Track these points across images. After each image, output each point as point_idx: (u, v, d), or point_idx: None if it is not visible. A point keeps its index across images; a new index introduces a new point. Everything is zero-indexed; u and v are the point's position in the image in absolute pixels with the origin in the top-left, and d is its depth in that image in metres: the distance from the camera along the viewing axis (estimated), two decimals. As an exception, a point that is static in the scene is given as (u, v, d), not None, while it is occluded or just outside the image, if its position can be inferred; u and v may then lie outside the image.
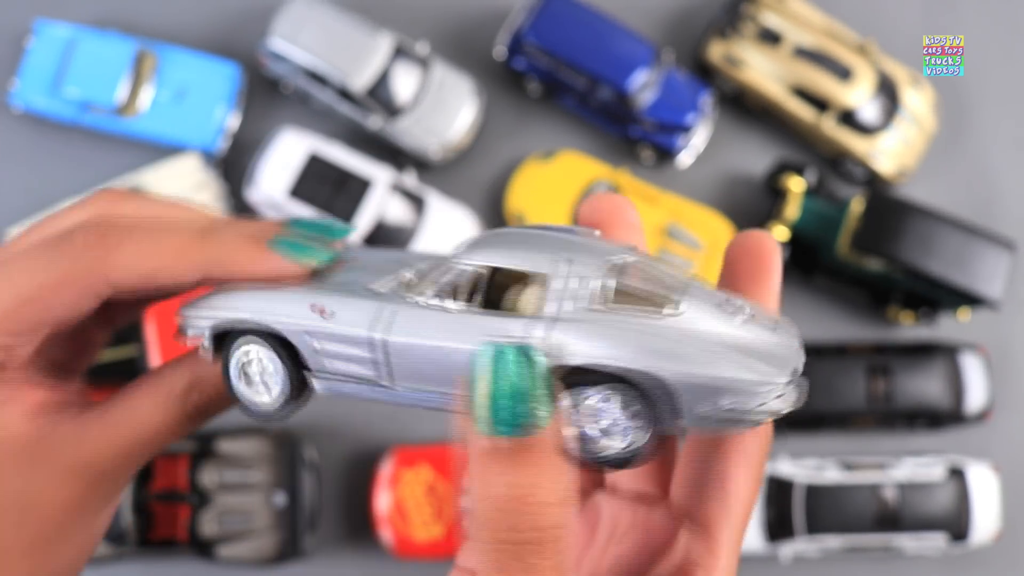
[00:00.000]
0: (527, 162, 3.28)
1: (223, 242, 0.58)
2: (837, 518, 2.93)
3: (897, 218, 2.92)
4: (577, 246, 0.54)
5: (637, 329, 0.50)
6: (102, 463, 0.59)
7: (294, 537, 2.90)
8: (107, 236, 0.57)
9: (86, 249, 0.56)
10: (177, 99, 3.21)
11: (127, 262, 0.56)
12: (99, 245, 0.56)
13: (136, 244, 0.57)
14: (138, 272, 0.56)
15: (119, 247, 0.56)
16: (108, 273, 0.56)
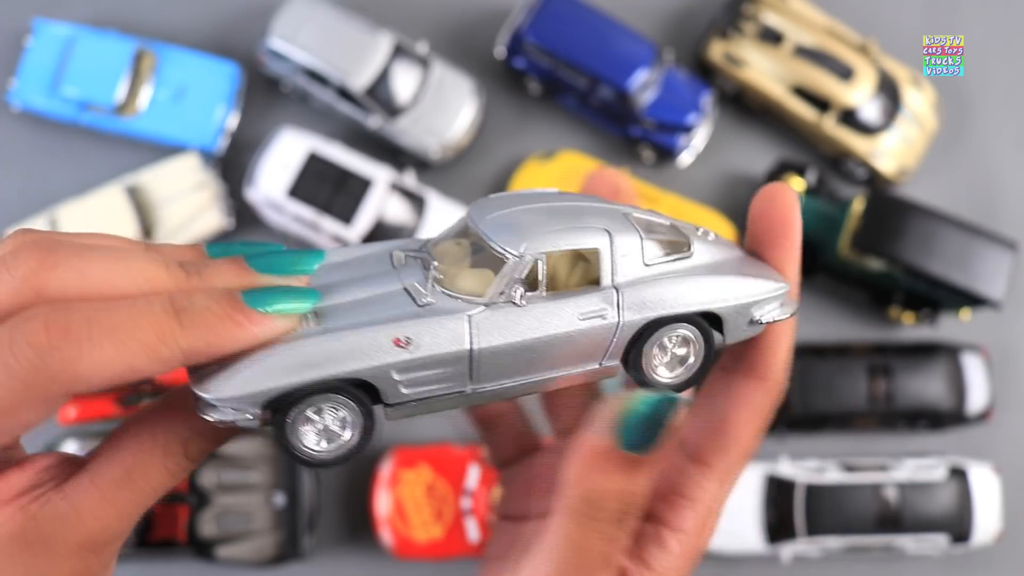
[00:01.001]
0: (527, 162, 3.27)
1: (200, 321, 0.49)
2: (838, 519, 2.92)
3: (898, 218, 2.92)
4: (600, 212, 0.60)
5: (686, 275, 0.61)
6: (102, 531, 0.54)
7: (293, 538, 2.89)
8: (67, 336, 0.46)
9: (40, 359, 0.46)
10: (176, 98, 3.20)
11: (94, 369, 0.47)
12: (57, 350, 0.46)
13: (103, 343, 0.47)
14: (105, 377, 0.48)
15: (84, 350, 0.46)
16: (71, 383, 0.47)
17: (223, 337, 0.50)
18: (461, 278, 0.57)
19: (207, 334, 0.50)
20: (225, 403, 0.52)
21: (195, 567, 2.94)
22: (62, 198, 3.17)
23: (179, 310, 0.49)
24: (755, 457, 3.07)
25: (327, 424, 0.55)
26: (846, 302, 3.26)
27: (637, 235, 0.59)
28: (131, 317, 0.48)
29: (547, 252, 0.57)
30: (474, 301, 0.56)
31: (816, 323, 3.25)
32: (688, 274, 0.61)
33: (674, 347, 0.61)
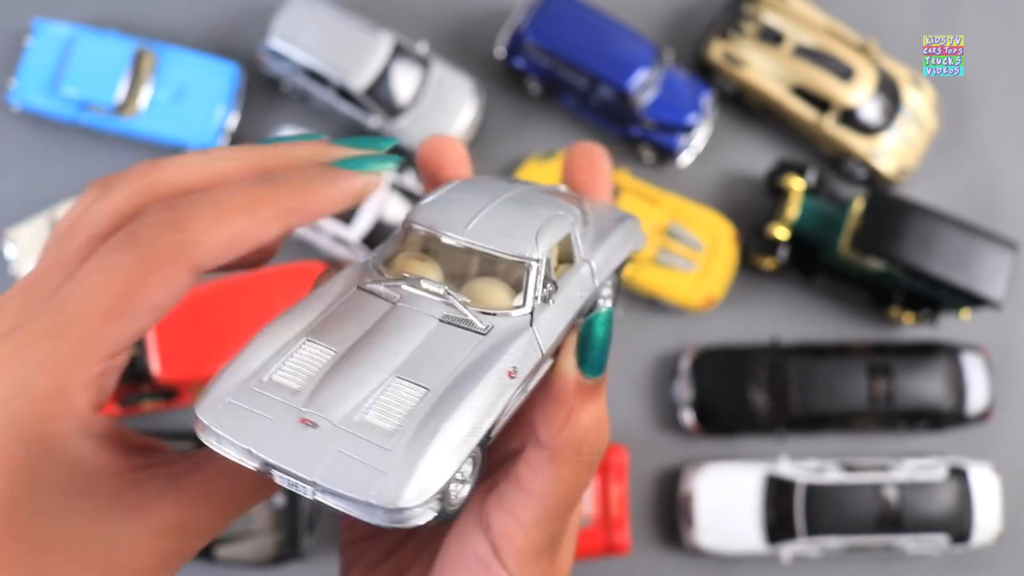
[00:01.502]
0: (527, 162, 3.27)
1: (292, 181, 0.54)
2: (838, 519, 2.92)
3: (898, 218, 2.91)
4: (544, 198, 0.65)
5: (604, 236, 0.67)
6: (197, 525, 0.53)
7: (293, 538, 2.89)
8: (175, 214, 0.51)
9: (158, 236, 0.50)
10: (176, 98, 3.20)
11: (206, 237, 0.51)
12: (171, 227, 0.50)
13: (208, 214, 0.51)
14: (219, 244, 0.51)
15: (193, 223, 0.50)
16: (190, 255, 0.50)
17: (316, 194, 0.54)
18: (486, 295, 0.57)
19: (300, 191, 0.53)
20: (422, 506, 0.48)
21: (195, 567, 2.93)
22: (62, 198, 3.17)
23: (271, 178, 0.54)
24: (755, 457, 3.07)
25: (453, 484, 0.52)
26: (846, 302, 3.25)
27: (575, 209, 0.65)
28: (230, 190, 0.52)
29: (551, 247, 0.60)
30: (513, 313, 0.56)
31: (816, 323, 3.25)
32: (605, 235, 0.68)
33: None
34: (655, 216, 3.13)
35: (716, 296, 3.15)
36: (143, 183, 0.55)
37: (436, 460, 0.48)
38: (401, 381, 0.51)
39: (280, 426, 0.49)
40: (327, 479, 0.47)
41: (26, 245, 3.09)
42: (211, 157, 0.56)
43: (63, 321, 0.49)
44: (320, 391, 0.51)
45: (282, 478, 0.49)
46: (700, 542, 2.97)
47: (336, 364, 0.52)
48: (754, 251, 3.15)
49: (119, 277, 0.50)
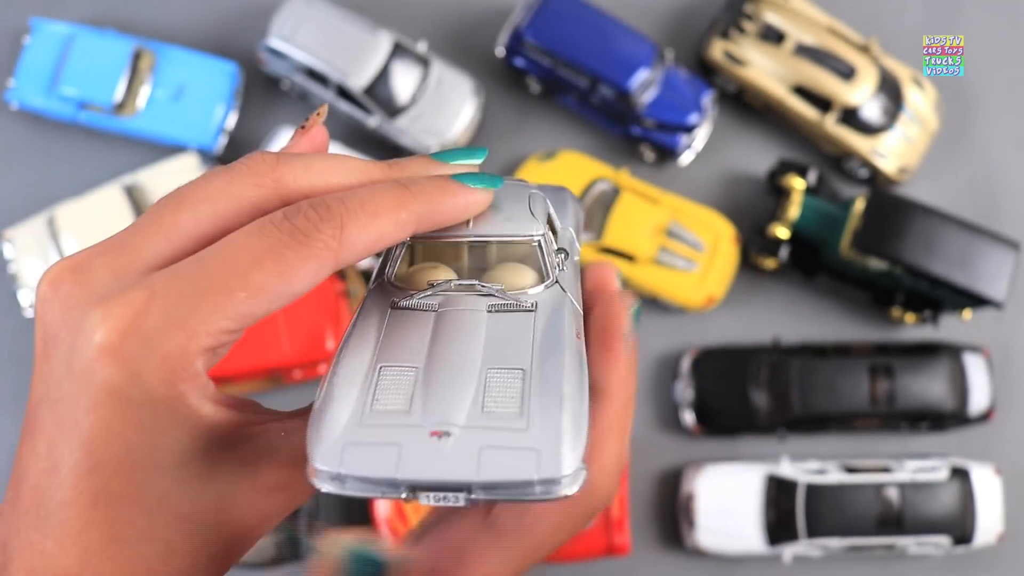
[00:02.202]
0: (527, 162, 3.26)
1: (425, 191, 0.56)
2: (839, 520, 2.91)
3: (899, 218, 2.90)
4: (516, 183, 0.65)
5: None
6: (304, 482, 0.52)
7: (293, 538, 2.88)
8: (330, 211, 0.52)
9: (316, 228, 0.51)
10: (175, 98, 3.19)
11: (356, 235, 0.53)
12: (327, 222, 0.52)
13: (359, 214, 0.53)
14: (364, 243, 0.53)
15: (346, 223, 0.52)
16: (340, 252, 0.52)
17: (445, 204, 0.57)
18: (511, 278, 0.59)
19: (432, 201, 0.56)
20: (577, 470, 0.50)
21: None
22: (60, 197, 3.16)
23: (407, 184, 0.56)
24: (755, 458, 3.06)
25: None
26: (847, 302, 3.25)
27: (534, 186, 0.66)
28: (374, 192, 0.55)
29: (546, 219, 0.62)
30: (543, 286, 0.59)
31: (817, 323, 3.24)
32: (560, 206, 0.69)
33: None
34: (655, 216, 3.12)
35: (717, 296, 3.14)
36: (269, 178, 0.56)
37: (572, 426, 0.50)
38: (495, 370, 0.53)
39: (414, 447, 0.49)
40: (486, 475, 0.48)
41: (24, 245, 3.07)
42: (335, 166, 0.58)
43: (202, 286, 0.49)
44: (428, 405, 0.51)
45: (428, 497, 0.49)
46: (701, 543, 2.96)
47: (424, 378, 0.53)
48: (755, 251, 3.14)
49: (273, 256, 0.50)
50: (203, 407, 0.51)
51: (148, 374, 0.48)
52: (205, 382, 0.51)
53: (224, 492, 0.52)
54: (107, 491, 0.49)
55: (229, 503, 0.52)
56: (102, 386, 0.48)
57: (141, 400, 0.48)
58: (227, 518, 0.52)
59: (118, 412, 0.48)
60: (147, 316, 0.49)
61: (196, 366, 0.50)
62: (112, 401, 0.48)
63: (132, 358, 0.48)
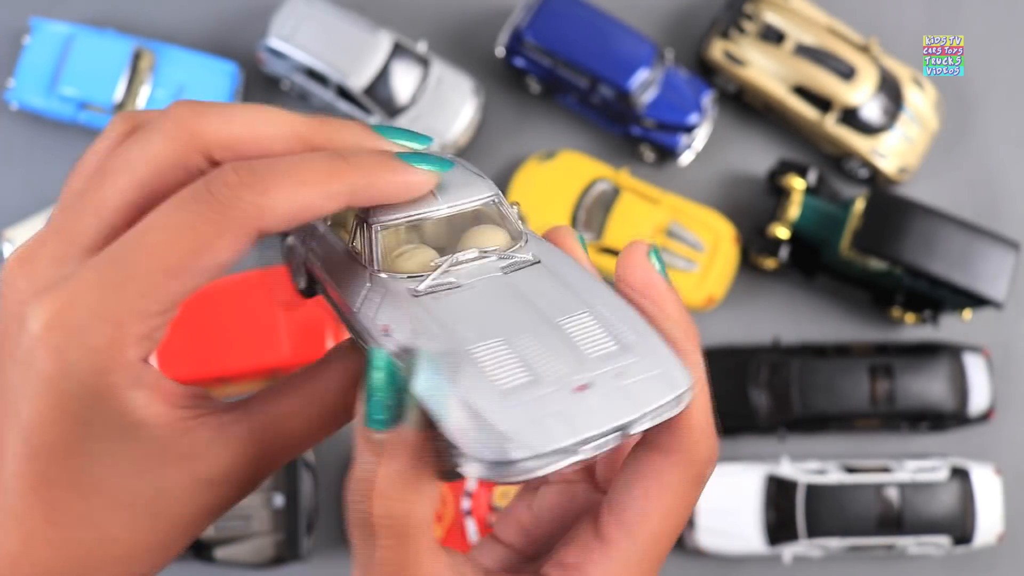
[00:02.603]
0: (527, 162, 3.26)
1: (363, 164, 0.53)
2: (839, 520, 2.91)
3: (899, 218, 2.90)
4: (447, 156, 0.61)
5: None
6: (242, 475, 0.54)
7: (292, 539, 2.88)
8: (254, 176, 0.50)
9: (236, 195, 0.49)
10: (175, 98, 3.18)
11: (280, 203, 0.50)
12: (249, 188, 0.49)
13: (285, 181, 0.50)
14: (288, 212, 0.51)
15: (270, 187, 0.50)
16: (260, 219, 0.50)
17: (383, 180, 0.54)
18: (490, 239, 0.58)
19: (370, 175, 0.53)
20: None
21: (194, 568, 2.93)
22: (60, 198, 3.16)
23: (344, 156, 0.53)
24: (755, 458, 3.06)
25: None
26: (847, 302, 3.24)
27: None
28: (306, 160, 0.52)
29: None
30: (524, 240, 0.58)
31: (817, 323, 3.24)
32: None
33: None
34: (655, 216, 3.12)
35: (717, 296, 3.14)
36: (185, 131, 0.53)
37: (665, 342, 0.53)
38: (565, 319, 0.52)
39: (573, 407, 0.49)
40: (645, 406, 0.50)
41: (24, 245, 3.07)
42: (257, 117, 0.55)
43: (123, 274, 0.49)
44: (543, 369, 0.50)
45: (591, 449, 0.48)
46: (701, 543, 2.96)
47: (513, 347, 0.51)
48: (755, 251, 3.14)
49: (190, 234, 0.49)
50: (137, 398, 0.51)
51: (79, 366, 0.49)
52: (140, 371, 0.51)
53: (161, 483, 0.52)
54: (46, 477, 0.50)
55: (166, 494, 0.52)
56: (38, 376, 0.49)
57: (73, 391, 0.49)
58: (164, 509, 0.52)
59: (52, 402, 0.49)
60: (75, 308, 0.49)
61: (128, 356, 0.50)
62: (48, 391, 0.49)
63: (63, 350, 0.49)
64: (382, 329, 0.53)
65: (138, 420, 0.51)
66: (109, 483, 0.51)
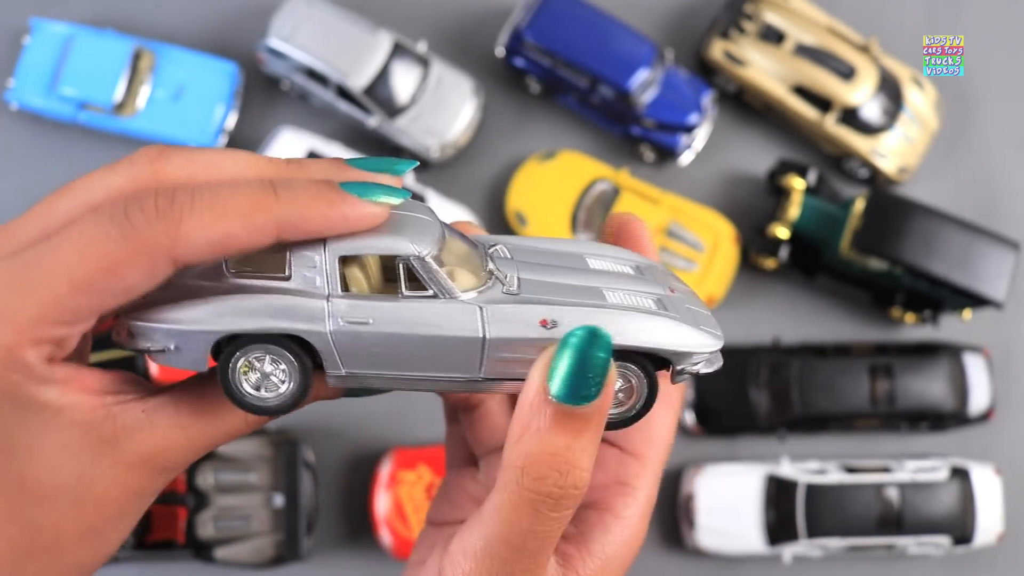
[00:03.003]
0: (527, 162, 3.26)
1: (295, 196, 0.52)
2: (839, 520, 2.91)
3: (899, 218, 2.90)
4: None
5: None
6: (166, 453, 0.55)
7: (292, 539, 2.88)
8: (172, 205, 0.50)
9: (149, 222, 0.50)
10: (175, 98, 3.19)
11: (195, 234, 0.50)
12: (164, 216, 0.50)
13: (204, 211, 0.50)
14: (207, 243, 0.51)
15: (186, 217, 0.50)
16: (175, 248, 0.50)
17: (316, 213, 0.53)
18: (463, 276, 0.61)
19: (301, 208, 0.52)
20: None
21: (193, 568, 2.93)
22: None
23: (276, 186, 0.52)
24: (755, 458, 3.06)
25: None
26: (847, 302, 3.24)
27: None
28: (231, 190, 0.52)
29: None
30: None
31: (817, 323, 3.24)
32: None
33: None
34: (655, 216, 3.12)
35: (717, 296, 3.14)
36: (148, 169, 0.55)
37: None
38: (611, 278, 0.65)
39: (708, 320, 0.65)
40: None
41: (24, 245, 3.08)
42: (222, 159, 0.56)
43: (31, 277, 0.50)
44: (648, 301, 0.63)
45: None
46: (701, 543, 2.96)
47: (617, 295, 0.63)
48: (755, 251, 3.14)
49: (99, 251, 0.50)
50: (47, 392, 0.51)
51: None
52: (44, 371, 0.51)
53: (83, 469, 0.52)
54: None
55: (90, 479, 0.53)
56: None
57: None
58: (90, 494, 0.53)
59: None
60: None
61: (26, 358, 0.50)
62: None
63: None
64: (542, 323, 0.59)
65: (55, 410, 0.51)
66: (28, 476, 0.51)
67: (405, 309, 0.57)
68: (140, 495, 0.55)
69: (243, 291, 0.57)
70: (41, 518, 0.52)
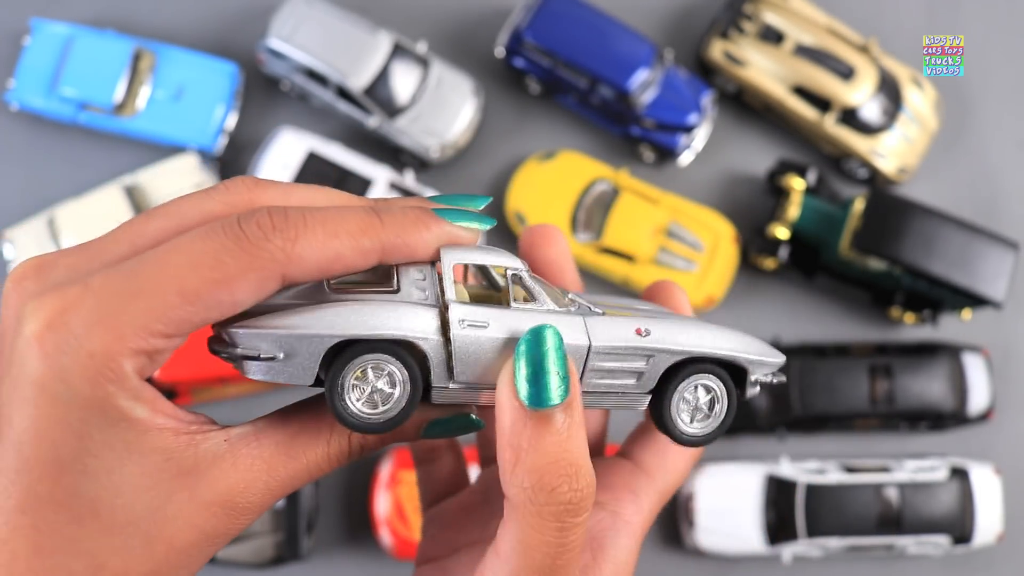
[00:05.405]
0: (527, 162, 3.26)
1: (397, 220, 0.54)
2: (838, 520, 2.92)
3: (899, 218, 2.91)
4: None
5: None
6: (248, 496, 0.52)
7: (292, 539, 2.88)
8: (287, 221, 0.50)
9: (266, 236, 0.49)
10: (175, 98, 3.19)
11: (308, 252, 0.50)
12: (280, 232, 0.50)
13: (317, 230, 0.51)
14: (316, 262, 0.51)
15: (300, 234, 0.50)
16: (288, 264, 0.50)
17: (415, 236, 0.55)
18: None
19: (402, 231, 0.54)
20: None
21: (194, 568, 2.93)
22: (60, 198, 3.16)
23: (379, 210, 0.54)
24: (755, 458, 3.06)
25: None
26: (847, 302, 3.25)
27: None
28: (340, 213, 0.53)
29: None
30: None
31: (817, 323, 3.24)
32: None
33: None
34: (655, 216, 3.12)
35: (716, 296, 3.14)
36: (245, 196, 0.55)
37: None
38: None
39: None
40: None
41: (24, 245, 3.07)
42: (316, 194, 0.57)
43: (138, 285, 0.48)
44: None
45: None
46: (701, 543, 2.96)
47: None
48: (754, 251, 3.14)
49: (212, 262, 0.48)
50: (135, 410, 0.48)
51: (72, 371, 0.46)
52: (137, 385, 0.49)
53: (159, 503, 0.49)
54: (34, 495, 0.46)
55: (164, 515, 0.49)
56: (31, 381, 0.46)
57: (67, 398, 0.46)
58: (162, 533, 0.49)
59: (45, 410, 0.46)
60: (76, 311, 0.47)
61: (124, 368, 0.47)
62: (40, 398, 0.46)
63: (57, 352, 0.46)
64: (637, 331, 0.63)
65: (142, 432, 0.48)
66: (103, 503, 0.47)
67: (516, 316, 0.59)
68: (212, 539, 0.51)
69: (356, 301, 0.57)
70: (108, 554, 0.48)
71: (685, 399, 0.63)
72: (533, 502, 0.51)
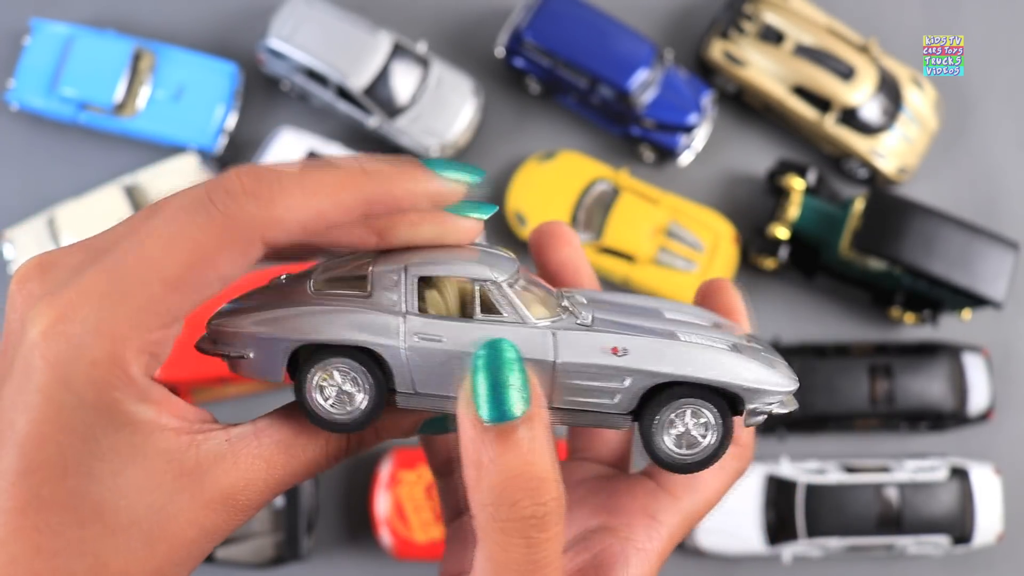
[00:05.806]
0: (527, 162, 3.26)
1: (381, 171, 0.53)
2: (839, 520, 2.92)
3: (899, 218, 2.91)
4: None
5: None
6: (248, 495, 0.52)
7: (292, 539, 2.88)
8: (259, 183, 0.48)
9: (237, 204, 0.48)
10: (175, 98, 3.19)
11: (286, 213, 0.48)
12: (252, 196, 0.48)
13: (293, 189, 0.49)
14: (299, 222, 0.49)
15: (276, 195, 0.48)
16: (266, 229, 0.48)
17: (400, 185, 0.53)
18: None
19: (387, 181, 0.52)
20: None
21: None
22: (60, 198, 3.16)
23: (362, 163, 0.53)
24: (755, 458, 3.06)
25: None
26: (847, 302, 3.25)
27: None
28: (319, 168, 0.51)
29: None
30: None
31: (817, 323, 3.24)
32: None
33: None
34: (655, 216, 3.12)
35: (716, 296, 3.14)
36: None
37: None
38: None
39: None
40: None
41: (24, 245, 3.08)
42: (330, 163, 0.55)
43: (123, 285, 0.47)
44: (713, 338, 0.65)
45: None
46: (701, 543, 2.96)
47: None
48: (754, 251, 3.14)
49: (187, 243, 0.47)
50: (141, 413, 0.48)
51: (77, 380, 0.46)
52: (144, 386, 0.49)
53: (162, 503, 0.49)
54: (37, 497, 0.46)
55: (166, 515, 0.49)
56: (36, 387, 0.46)
57: (73, 404, 0.46)
58: (163, 532, 0.49)
59: (50, 415, 0.46)
60: (72, 319, 0.47)
61: (130, 370, 0.48)
62: (45, 403, 0.46)
63: (61, 362, 0.46)
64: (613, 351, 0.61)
65: (147, 434, 0.49)
66: (107, 505, 0.48)
67: (477, 330, 0.57)
68: (212, 536, 0.52)
69: (324, 306, 0.58)
70: (110, 554, 0.48)
71: (671, 422, 0.60)
72: (495, 519, 0.50)
